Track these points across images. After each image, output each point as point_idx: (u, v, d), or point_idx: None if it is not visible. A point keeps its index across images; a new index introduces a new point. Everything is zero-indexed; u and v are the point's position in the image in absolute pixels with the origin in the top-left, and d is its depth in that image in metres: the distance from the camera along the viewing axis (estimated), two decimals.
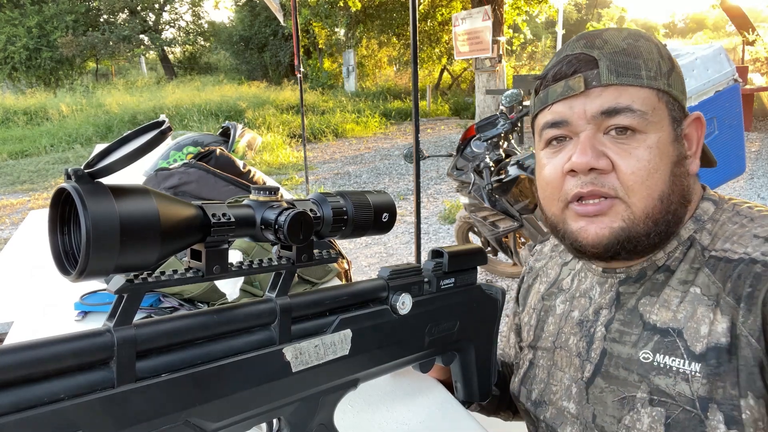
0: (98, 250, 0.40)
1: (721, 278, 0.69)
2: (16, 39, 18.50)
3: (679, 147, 0.73)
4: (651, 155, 0.70)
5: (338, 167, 8.54)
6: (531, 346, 0.92)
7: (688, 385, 0.68)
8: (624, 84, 0.70)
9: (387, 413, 0.93)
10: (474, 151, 3.43)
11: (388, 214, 0.63)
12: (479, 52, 9.39)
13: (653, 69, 0.71)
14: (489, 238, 3.49)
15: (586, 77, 0.71)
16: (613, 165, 0.70)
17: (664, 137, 0.71)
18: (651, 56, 0.72)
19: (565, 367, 0.84)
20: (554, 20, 13.60)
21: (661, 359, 0.71)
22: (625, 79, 0.70)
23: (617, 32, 0.74)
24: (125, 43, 20.64)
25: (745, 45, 11.42)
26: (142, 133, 0.45)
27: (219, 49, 24.42)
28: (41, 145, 10.47)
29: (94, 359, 0.44)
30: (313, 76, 17.72)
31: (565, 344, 0.84)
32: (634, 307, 0.76)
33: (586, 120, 0.71)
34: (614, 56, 0.71)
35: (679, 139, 0.73)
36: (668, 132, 0.71)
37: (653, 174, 0.70)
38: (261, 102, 13.01)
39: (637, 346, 0.74)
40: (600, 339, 0.79)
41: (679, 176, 0.72)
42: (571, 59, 0.73)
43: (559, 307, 0.88)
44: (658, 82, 0.71)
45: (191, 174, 1.80)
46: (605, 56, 0.71)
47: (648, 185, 0.70)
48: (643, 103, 0.70)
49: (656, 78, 0.71)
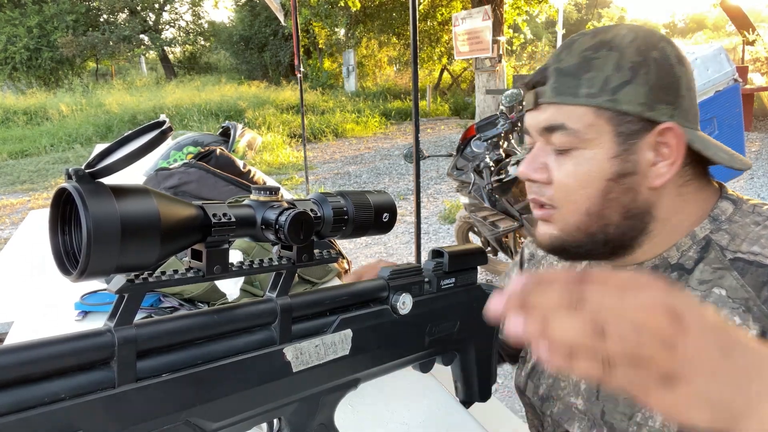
0: (99, 250, 0.40)
1: (753, 284, 0.67)
2: (16, 39, 18.49)
3: (622, 163, 0.71)
4: (579, 171, 0.72)
5: (338, 167, 8.53)
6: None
7: None
8: (561, 102, 0.72)
9: (387, 413, 0.93)
10: (474, 151, 3.43)
11: (389, 214, 0.63)
12: (479, 52, 9.38)
13: (597, 85, 0.70)
14: (489, 238, 3.49)
15: (537, 93, 0.74)
16: (551, 178, 0.74)
17: (601, 154, 0.71)
18: (602, 70, 0.70)
19: None
20: (554, 20, 13.59)
21: None
22: (562, 98, 0.72)
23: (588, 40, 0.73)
24: (125, 43, 20.63)
25: (745, 45, 11.41)
26: (143, 133, 0.45)
27: (219, 49, 24.41)
28: (41, 145, 10.46)
29: (94, 359, 0.44)
30: (313, 76, 17.71)
31: None
32: None
33: (538, 132, 0.75)
34: (560, 74, 0.72)
35: (625, 155, 0.71)
36: (607, 148, 0.70)
37: (578, 190, 0.72)
38: (261, 102, 13.00)
39: None
40: None
41: (620, 191, 0.71)
42: (538, 70, 0.76)
43: None
44: (598, 99, 0.70)
45: (191, 174, 1.80)
46: (554, 73, 0.73)
47: (573, 200, 0.73)
48: (577, 120, 0.71)
49: (597, 95, 0.70)
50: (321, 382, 0.60)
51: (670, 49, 0.71)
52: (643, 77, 0.69)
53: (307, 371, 0.57)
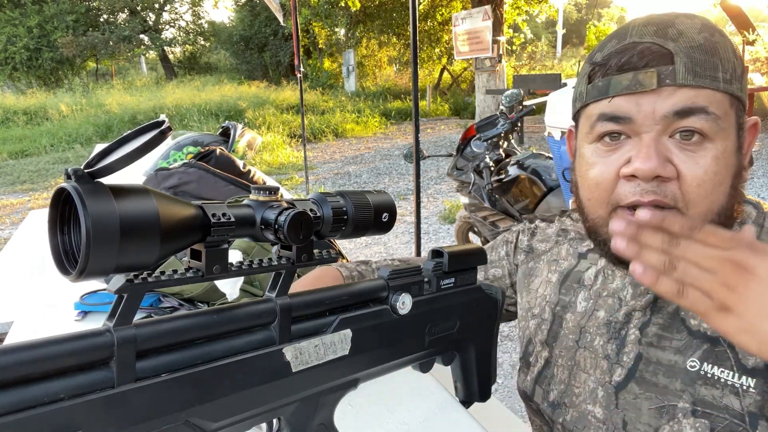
0: (98, 250, 0.40)
1: None
2: (16, 39, 18.49)
3: (740, 157, 0.67)
4: (718, 167, 0.64)
5: (338, 167, 8.53)
6: (546, 343, 0.87)
7: (738, 399, 0.65)
8: (700, 86, 0.63)
9: (387, 413, 0.93)
10: (474, 151, 3.44)
11: (388, 214, 0.63)
12: (479, 52, 9.38)
13: (729, 71, 0.64)
14: (489, 238, 3.49)
15: (659, 73, 0.64)
16: (678, 172, 0.65)
17: (730, 147, 0.65)
18: (727, 55, 0.65)
19: (590, 369, 0.79)
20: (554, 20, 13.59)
21: (709, 369, 0.67)
22: (702, 81, 0.63)
23: (690, 21, 0.66)
24: (125, 43, 20.64)
25: (745, 45, 11.41)
26: (142, 133, 0.45)
27: (219, 49, 24.41)
28: (41, 145, 10.47)
29: (94, 359, 0.44)
30: (313, 76, 17.71)
31: (590, 345, 0.80)
32: (675, 312, 0.72)
33: (654, 120, 0.65)
34: (691, 52, 0.64)
35: (741, 148, 0.68)
36: (733, 141, 0.66)
37: (717, 188, 0.65)
38: (261, 102, 13.01)
39: (684, 353, 0.70)
40: (634, 342, 0.75)
41: (737, 188, 0.68)
42: (642, 49, 0.65)
43: (580, 305, 0.83)
44: (733, 87, 0.64)
45: (191, 174, 1.80)
46: (682, 51, 0.64)
47: (711, 200, 0.65)
48: (718, 107, 0.64)
49: (731, 81, 0.64)
50: (321, 382, 0.60)
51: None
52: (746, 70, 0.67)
53: (307, 371, 0.57)
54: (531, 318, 0.92)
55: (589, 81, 0.71)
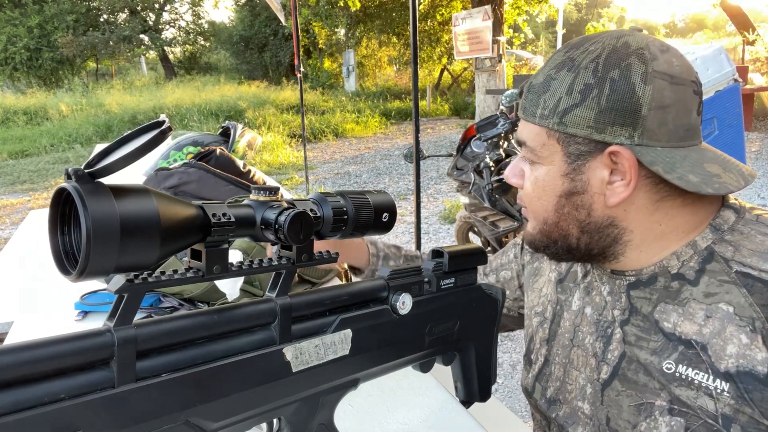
0: (98, 250, 0.40)
1: (762, 303, 0.66)
2: (16, 39, 18.49)
3: (571, 182, 0.74)
4: (536, 184, 0.77)
5: (338, 167, 8.53)
6: (546, 341, 0.91)
7: (712, 401, 0.67)
8: (526, 120, 0.77)
9: (387, 413, 0.93)
10: (474, 151, 3.43)
11: (388, 214, 0.63)
12: (479, 52, 9.38)
13: (549, 107, 0.72)
14: (489, 238, 3.49)
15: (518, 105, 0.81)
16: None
17: (553, 171, 0.75)
18: (555, 92, 0.72)
19: (581, 367, 0.83)
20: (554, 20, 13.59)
21: (683, 371, 0.70)
22: (526, 117, 0.76)
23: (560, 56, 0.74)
24: (125, 43, 20.65)
25: (745, 45, 11.41)
26: (142, 133, 0.45)
27: (219, 49, 24.41)
28: (41, 145, 10.47)
29: (94, 359, 0.44)
30: (313, 76, 17.71)
31: (581, 343, 0.84)
32: (650, 314, 0.75)
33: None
34: (529, 91, 0.76)
35: (574, 174, 0.73)
36: (558, 167, 0.74)
37: (536, 200, 0.78)
38: (261, 102, 13.01)
39: (660, 355, 0.73)
40: (618, 341, 0.78)
41: (571, 206, 0.75)
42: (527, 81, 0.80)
43: (575, 303, 0.87)
44: (548, 121, 0.73)
45: (191, 174, 1.80)
46: (526, 89, 0.77)
47: (533, 208, 0.79)
48: (533, 139, 0.75)
49: (548, 116, 0.72)
50: (321, 382, 0.60)
51: (637, 67, 0.67)
52: (594, 100, 0.68)
53: (307, 371, 0.57)
54: (534, 316, 0.95)
55: None
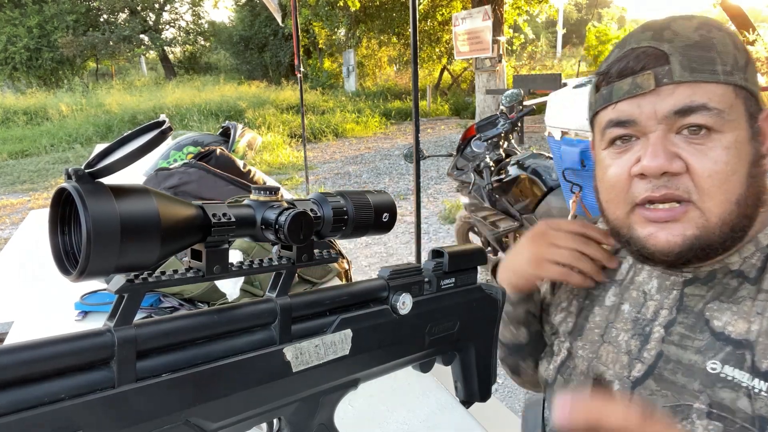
0: (98, 250, 0.40)
1: None
2: (16, 39, 18.49)
3: (756, 145, 0.67)
4: (728, 156, 0.65)
5: (338, 167, 8.54)
6: (570, 334, 0.87)
7: (749, 402, 0.64)
8: (698, 81, 0.65)
9: (387, 413, 0.93)
10: (474, 151, 3.44)
11: (389, 214, 0.63)
12: (479, 52, 9.39)
13: (729, 62, 0.65)
14: (489, 238, 3.49)
15: (656, 74, 0.66)
16: (687, 167, 0.66)
17: (742, 136, 0.66)
18: (726, 48, 0.66)
19: (609, 363, 0.80)
20: (554, 20, 13.59)
21: (729, 372, 0.67)
22: (700, 75, 0.65)
23: (687, 22, 0.68)
24: (125, 43, 20.65)
25: (745, 45, 11.41)
26: (143, 133, 0.45)
27: (219, 49, 24.41)
28: (41, 145, 10.47)
29: (94, 359, 0.44)
30: (313, 76, 17.72)
31: (614, 340, 0.80)
32: (701, 312, 0.71)
33: (657, 120, 0.67)
34: (687, 50, 0.66)
35: (756, 137, 0.68)
36: (745, 130, 0.66)
37: (731, 177, 0.65)
38: (261, 102, 13.01)
39: (705, 354, 0.69)
40: (657, 340, 0.75)
41: (756, 177, 0.67)
42: (638, 53, 0.68)
43: (609, 299, 0.83)
44: (735, 77, 0.65)
45: (191, 174, 1.80)
46: (677, 50, 0.66)
47: (725, 189, 0.65)
48: (719, 100, 0.65)
49: (732, 72, 0.65)
50: (321, 382, 0.60)
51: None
52: (752, 59, 0.67)
53: (307, 371, 0.57)
54: (559, 312, 0.92)
55: (597, 90, 0.75)
